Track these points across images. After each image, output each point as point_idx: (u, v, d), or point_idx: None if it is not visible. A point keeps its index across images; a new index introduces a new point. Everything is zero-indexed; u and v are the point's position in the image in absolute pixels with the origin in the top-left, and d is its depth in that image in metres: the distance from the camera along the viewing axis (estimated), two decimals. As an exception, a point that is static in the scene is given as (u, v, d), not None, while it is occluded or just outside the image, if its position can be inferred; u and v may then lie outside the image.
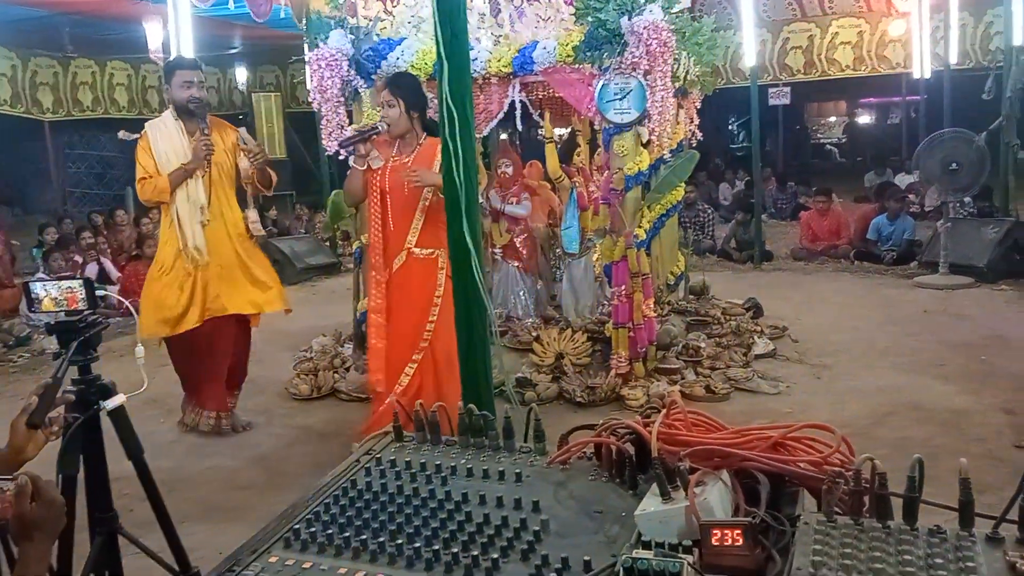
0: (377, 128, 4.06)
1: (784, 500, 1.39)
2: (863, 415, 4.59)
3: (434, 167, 3.84)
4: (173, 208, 4.55)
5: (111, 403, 2.27)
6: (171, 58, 4.83)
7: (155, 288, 4.62)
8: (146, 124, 4.66)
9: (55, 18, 10.24)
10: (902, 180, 12.56)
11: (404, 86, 4.09)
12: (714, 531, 1.20)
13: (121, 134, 4.89)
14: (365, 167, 4.06)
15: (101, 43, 12.54)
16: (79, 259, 8.46)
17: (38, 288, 2.22)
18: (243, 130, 4.77)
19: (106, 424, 2.31)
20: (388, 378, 4.06)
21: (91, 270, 8.20)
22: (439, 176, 3.61)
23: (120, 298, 5.06)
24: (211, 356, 4.72)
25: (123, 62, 13.85)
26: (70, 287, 2.22)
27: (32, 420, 1.82)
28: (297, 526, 1.43)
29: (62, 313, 2.22)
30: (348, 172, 4.17)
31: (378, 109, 4.18)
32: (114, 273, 8.47)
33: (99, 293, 2.28)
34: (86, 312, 2.22)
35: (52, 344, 2.25)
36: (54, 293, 2.21)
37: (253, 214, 4.80)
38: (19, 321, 7.25)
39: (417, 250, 4.01)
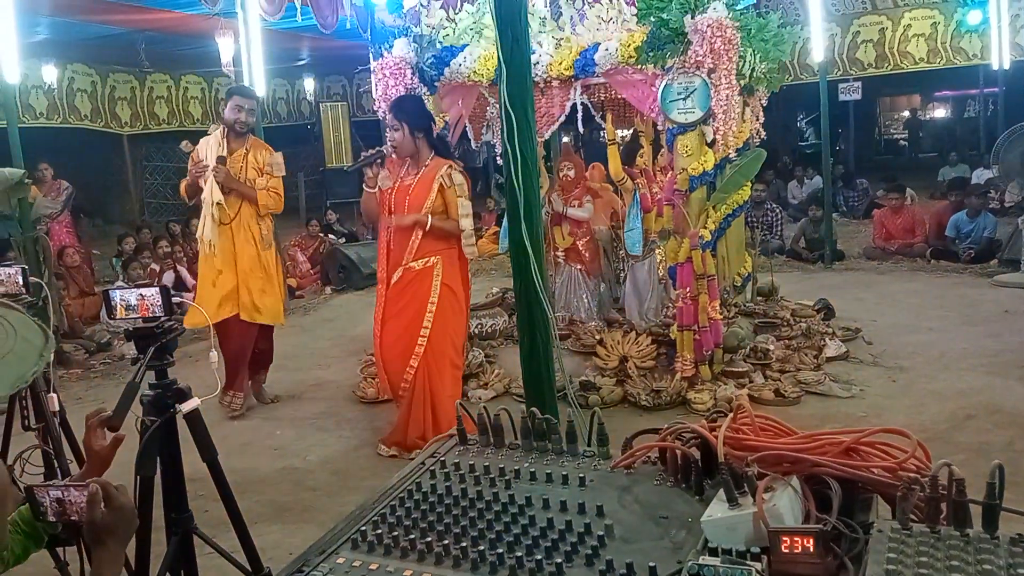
0: (383, 151, 4.28)
1: (857, 507, 1.35)
2: (941, 419, 4.44)
3: (432, 191, 4.15)
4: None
5: (186, 407, 2.34)
6: (235, 83, 5.27)
7: (199, 284, 5.31)
8: (201, 139, 5.21)
9: (132, 35, 10.62)
10: (980, 175, 12.09)
11: (407, 110, 4.30)
12: (784, 538, 1.17)
13: (183, 145, 5.37)
14: (376, 189, 4.29)
15: (176, 58, 12.96)
16: (156, 267, 8.76)
17: (117, 296, 2.30)
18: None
19: (181, 427, 2.38)
20: (392, 382, 4.37)
21: (168, 278, 8.48)
22: (415, 216, 4.13)
23: (195, 305, 5.28)
24: (239, 344, 5.26)
25: (197, 76, 14.30)
26: (147, 294, 2.30)
27: (112, 421, 1.91)
28: (364, 528, 1.45)
29: (139, 320, 2.30)
30: (363, 195, 4.46)
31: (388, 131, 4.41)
32: (189, 281, 8.73)
33: (175, 300, 2.36)
34: (163, 318, 2.30)
35: (131, 350, 2.34)
36: (132, 300, 2.29)
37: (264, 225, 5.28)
38: (100, 328, 7.54)
39: (414, 263, 4.26)
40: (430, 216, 4.18)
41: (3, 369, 1.07)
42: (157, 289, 2.31)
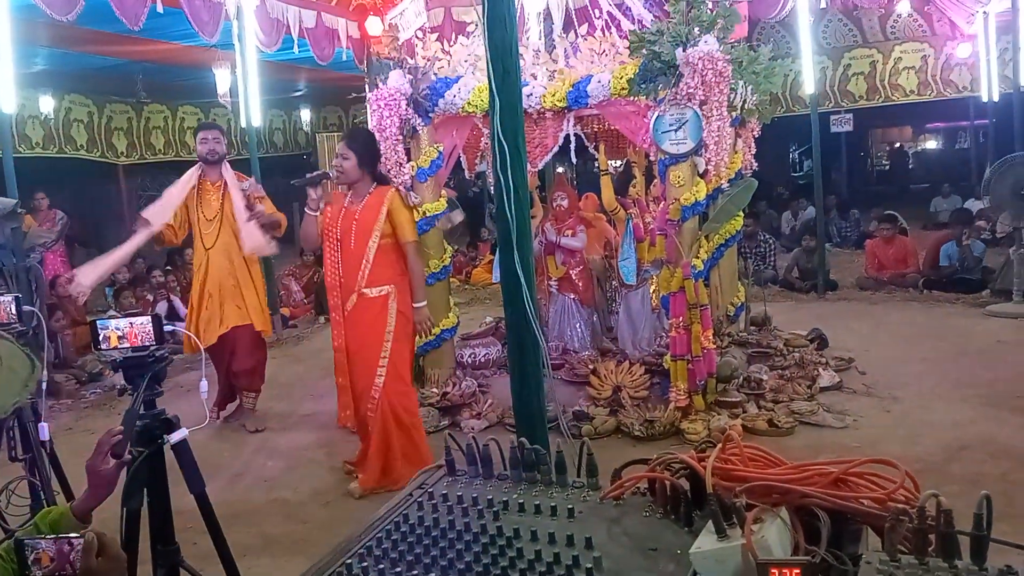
0: (327, 174, 4.42)
1: (846, 538, 1.35)
2: (935, 450, 4.42)
3: (380, 214, 4.23)
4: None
5: (175, 437, 2.32)
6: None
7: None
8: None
9: (129, 66, 10.67)
10: (972, 206, 12.18)
11: (359, 141, 4.42)
12: (772, 570, 1.16)
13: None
14: (317, 212, 4.37)
15: (173, 89, 13.02)
16: (150, 297, 8.73)
17: (110, 325, 2.28)
18: (252, 179, 5.65)
19: (169, 458, 2.36)
20: (356, 410, 4.39)
21: (161, 307, 8.46)
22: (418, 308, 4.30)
23: (188, 333, 5.27)
24: (220, 363, 5.62)
25: (193, 106, 14.37)
26: (138, 323, 2.28)
27: (116, 450, 1.96)
28: (349, 560, 1.44)
29: (129, 349, 2.29)
30: (303, 219, 4.47)
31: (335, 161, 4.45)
32: (183, 310, 8.69)
33: (167, 329, 2.35)
34: (153, 347, 2.29)
35: (122, 379, 2.32)
36: (126, 329, 2.28)
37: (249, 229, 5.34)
38: (91, 357, 7.49)
39: (367, 290, 4.30)
40: (415, 304, 4.35)
41: None
42: (148, 318, 2.30)
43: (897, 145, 24.71)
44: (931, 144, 24.83)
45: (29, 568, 1.47)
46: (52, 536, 1.49)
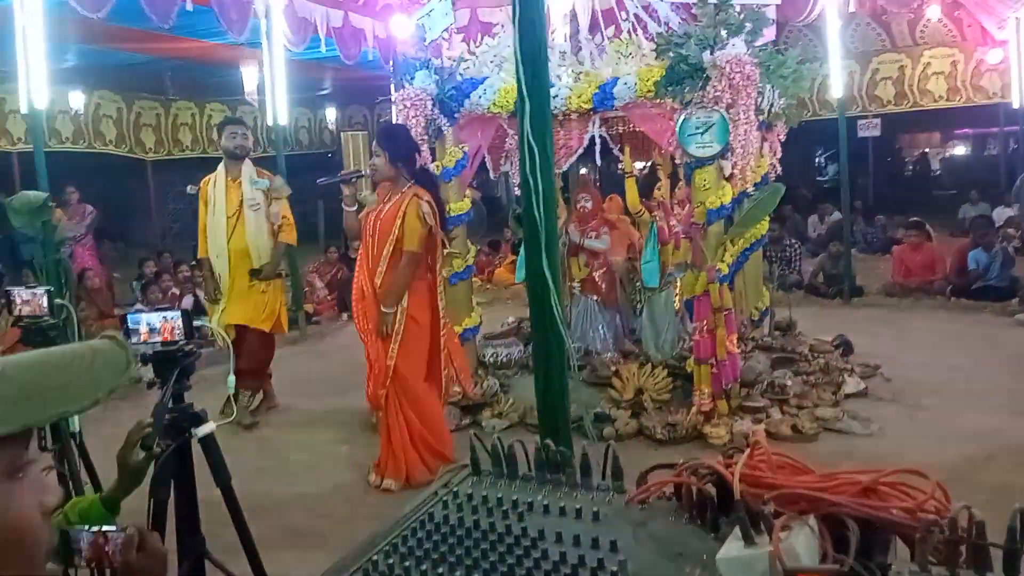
0: (360, 172, 4.56)
1: (875, 548, 1.33)
2: (962, 459, 4.37)
3: (397, 220, 4.27)
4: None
5: (202, 431, 2.35)
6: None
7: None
8: (205, 178, 5.68)
9: (158, 63, 10.81)
10: (1001, 213, 12.02)
11: (390, 137, 4.50)
12: (800, 578, 1.16)
13: (189, 189, 5.95)
14: (354, 208, 4.49)
15: (200, 86, 13.17)
16: (177, 291, 8.82)
17: (141, 319, 2.32)
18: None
19: (196, 451, 2.39)
20: (376, 392, 4.50)
21: (187, 302, 8.54)
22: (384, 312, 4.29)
23: (218, 329, 5.34)
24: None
25: (221, 103, 14.51)
26: (169, 318, 2.31)
27: (146, 442, 1.98)
28: (375, 557, 1.44)
29: (159, 343, 2.32)
30: (344, 213, 4.60)
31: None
32: (208, 305, 8.79)
33: (195, 323, 2.38)
34: (182, 342, 2.32)
35: (149, 373, 2.35)
36: (156, 323, 2.31)
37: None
38: (119, 350, 7.56)
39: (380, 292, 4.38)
40: (383, 308, 4.34)
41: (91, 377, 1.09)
42: (179, 313, 2.33)
43: (925, 151, 24.42)
44: (960, 150, 24.53)
45: (75, 564, 1.49)
46: (91, 528, 1.50)
